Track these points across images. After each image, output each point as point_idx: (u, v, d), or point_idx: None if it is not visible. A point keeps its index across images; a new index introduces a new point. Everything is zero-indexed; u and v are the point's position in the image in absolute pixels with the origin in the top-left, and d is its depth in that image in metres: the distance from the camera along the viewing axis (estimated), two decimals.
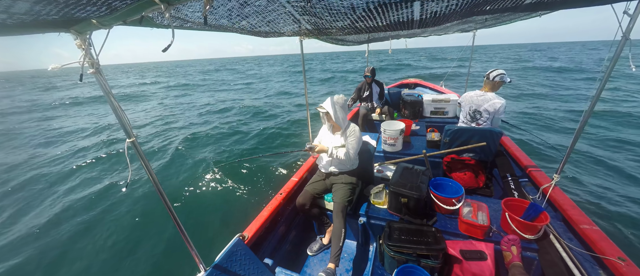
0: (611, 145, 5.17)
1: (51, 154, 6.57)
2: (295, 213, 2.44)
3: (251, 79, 23.82)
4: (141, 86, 23.11)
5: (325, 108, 2.04)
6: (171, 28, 0.88)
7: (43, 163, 6.07)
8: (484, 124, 2.62)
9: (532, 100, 9.54)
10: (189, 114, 10.40)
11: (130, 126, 1.07)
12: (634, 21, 1.34)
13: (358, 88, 4.54)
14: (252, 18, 1.32)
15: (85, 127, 8.91)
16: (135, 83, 26.57)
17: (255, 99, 12.67)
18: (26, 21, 0.78)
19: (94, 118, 10.57)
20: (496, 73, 2.51)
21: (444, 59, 35.95)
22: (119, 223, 3.75)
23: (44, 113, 12.41)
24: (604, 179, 4.00)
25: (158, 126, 8.67)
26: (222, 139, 6.93)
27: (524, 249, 1.67)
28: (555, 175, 1.97)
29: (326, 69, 29.51)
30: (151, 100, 14.94)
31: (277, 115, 9.15)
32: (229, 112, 10.15)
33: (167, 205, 1.24)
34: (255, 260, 1.70)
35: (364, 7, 1.15)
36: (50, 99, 16.73)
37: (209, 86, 20.32)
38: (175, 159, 5.80)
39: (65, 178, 5.33)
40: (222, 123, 8.39)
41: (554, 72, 17.21)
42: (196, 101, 13.34)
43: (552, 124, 6.72)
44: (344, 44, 3.68)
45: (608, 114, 7.01)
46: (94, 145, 7.02)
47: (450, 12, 1.28)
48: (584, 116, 1.70)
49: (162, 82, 25.49)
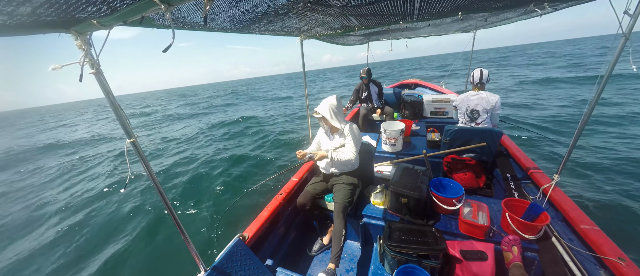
0: (611, 145, 5.17)
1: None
2: (296, 213, 2.44)
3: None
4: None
5: (320, 113, 2.03)
6: (171, 28, 0.88)
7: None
8: (482, 122, 2.63)
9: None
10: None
11: (131, 126, 1.07)
12: (634, 21, 1.34)
13: (356, 90, 4.53)
14: (253, 19, 1.32)
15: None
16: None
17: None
18: (26, 22, 0.78)
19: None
20: (485, 74, 2.62)
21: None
22: (119, 223, 3.75)
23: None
24: (604, 179, 4.00)
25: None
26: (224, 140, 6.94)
27: (524, 249, 1.67)
28: (556, 175, 1.97)
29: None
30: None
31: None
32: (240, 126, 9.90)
33: (167, 205, 1.24)
34: (256, 260, 1.70)
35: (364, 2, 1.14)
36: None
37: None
38: (174, 159, 5.80)
39: (66, 176, 5.33)
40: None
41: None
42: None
43: (552, 125, 6.71)
44: (344, 44, 3.68)
45: (609, 114, 7.01)
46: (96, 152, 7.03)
47: (450, 5, 1.28)
48: (584, 116, 1.70)
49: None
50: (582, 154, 4.82)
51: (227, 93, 35.03)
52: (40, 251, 3.34)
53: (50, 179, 5.79)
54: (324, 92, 19.74)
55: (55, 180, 5.61)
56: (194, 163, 5.57)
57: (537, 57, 27.87)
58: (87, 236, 3.55)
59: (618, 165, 4.37)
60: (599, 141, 5.39)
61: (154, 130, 11.57)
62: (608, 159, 4.58)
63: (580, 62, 19.89)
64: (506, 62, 27.23)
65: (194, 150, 6.38)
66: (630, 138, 5.38)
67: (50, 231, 3.71)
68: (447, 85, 6.29)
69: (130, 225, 3.69)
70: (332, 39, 2.99)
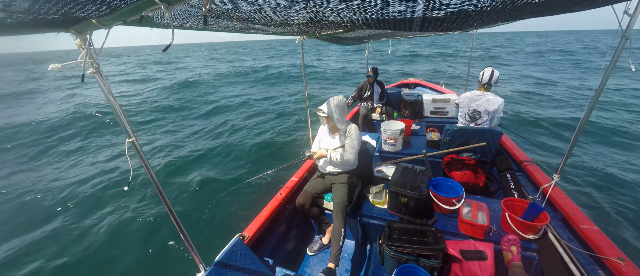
0: (611, 144, 5.17)
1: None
2: (295, 212, 2.44)
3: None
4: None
5: (324, 111, 2.04)
6: (171, 28, 0.88)
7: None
8: (483, 124, 2.63)
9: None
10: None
11: (130, 126, 1.07)
12: (634, 21, 1.34)
13: (359, 87, 4.51)
14: (253, 19, 1.32)
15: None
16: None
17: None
18: (25, 21, 0.78)
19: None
20: (495, 76, 2.57)
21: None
22: (119, 223, 3.75)
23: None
24: (604, 179, 4.01)
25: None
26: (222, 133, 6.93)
27: (523, 249, 1.67)
28: (555, 175, 1.97)
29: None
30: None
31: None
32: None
33: (167, 205, 1.24)
34: (255, 259, 1.70)
35: (364, 4, 1.14)
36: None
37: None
38: (175, 159, 5.80)
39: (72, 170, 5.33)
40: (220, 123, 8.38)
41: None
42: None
43: (551, 127, 6.72)
44: (344, 44, 3.68)
45: (608, 113, 7.02)
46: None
47: (451, 15, 1.27)
48: (584, 116, 1.70)
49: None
50: (582, 154, 4.83)
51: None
52: (39, 248, 3.35)
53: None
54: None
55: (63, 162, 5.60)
56: (193, 161, 5.57)
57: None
58: (86, 235, 3.55)
59: (618, 165, 4.37)
60: (599, 140, 5.40)
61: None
62: (608, 159, 4.59)
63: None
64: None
65: (192, 147, 6.39)
66: (631, 137, 5.39)
67: (49, 230, 3.71)
68: (447, 85, 6.29)
69: (130, 225, 3.69)
70: (332, 39, 2.99)
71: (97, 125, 8.43)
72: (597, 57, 20.64)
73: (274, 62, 26.57)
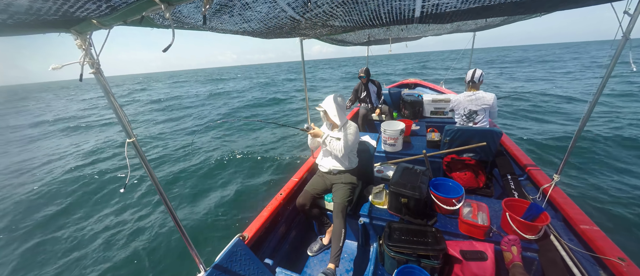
0: (611, 144, 5.17)
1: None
2: (296, 213, 2.44)
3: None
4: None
5: (323, 106, 2.05)
6: (171, 28, 0.88)
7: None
8: (481, 122, 2.65)
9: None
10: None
11: (130, 126, 1.07)
12: (634, 21, 1.34)
13: (355, 90, 4.55)
14: (253, 20, 1.32)
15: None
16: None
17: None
18: (26, 21, 0.78)
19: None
20: (478, 74, 2.69)
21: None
22: (119, 223, 3.75)
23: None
24: (604, 179, 4.00)
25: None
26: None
27: (524, 249, 1.67)
28: (556, 175, 1.97)
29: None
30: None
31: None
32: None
33: (167, 205, 1.24)
34: (255, 260, 1.70)
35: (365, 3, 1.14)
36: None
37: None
38: (175, 159, 5.80)
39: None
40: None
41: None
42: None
43: (550, 127, 6.72)
44: (344, 45, 3.68)
45: (608, 113, 7.01)
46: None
47: (451, 11, 1.28)
48: (585, 115, 1.70)
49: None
50: (582, 154, 4.82)
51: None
52: (39, 248, 3.34)
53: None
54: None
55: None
56: (193, 161, 5.57)
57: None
58: (86, 234, 3.55)
59: (618, 165, 4.37)
60: (599, 140, 5.39)
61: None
62: (608, 159, 4.58)
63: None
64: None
65: (192, 148, 6.40)
66: (632, 136, 5.38)
67: (47, 230, 3.71)
68: (448, 85, 6.29)
69: (130, 225, 3.69)
70: (332, 39, 2.99)
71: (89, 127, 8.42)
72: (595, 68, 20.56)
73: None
